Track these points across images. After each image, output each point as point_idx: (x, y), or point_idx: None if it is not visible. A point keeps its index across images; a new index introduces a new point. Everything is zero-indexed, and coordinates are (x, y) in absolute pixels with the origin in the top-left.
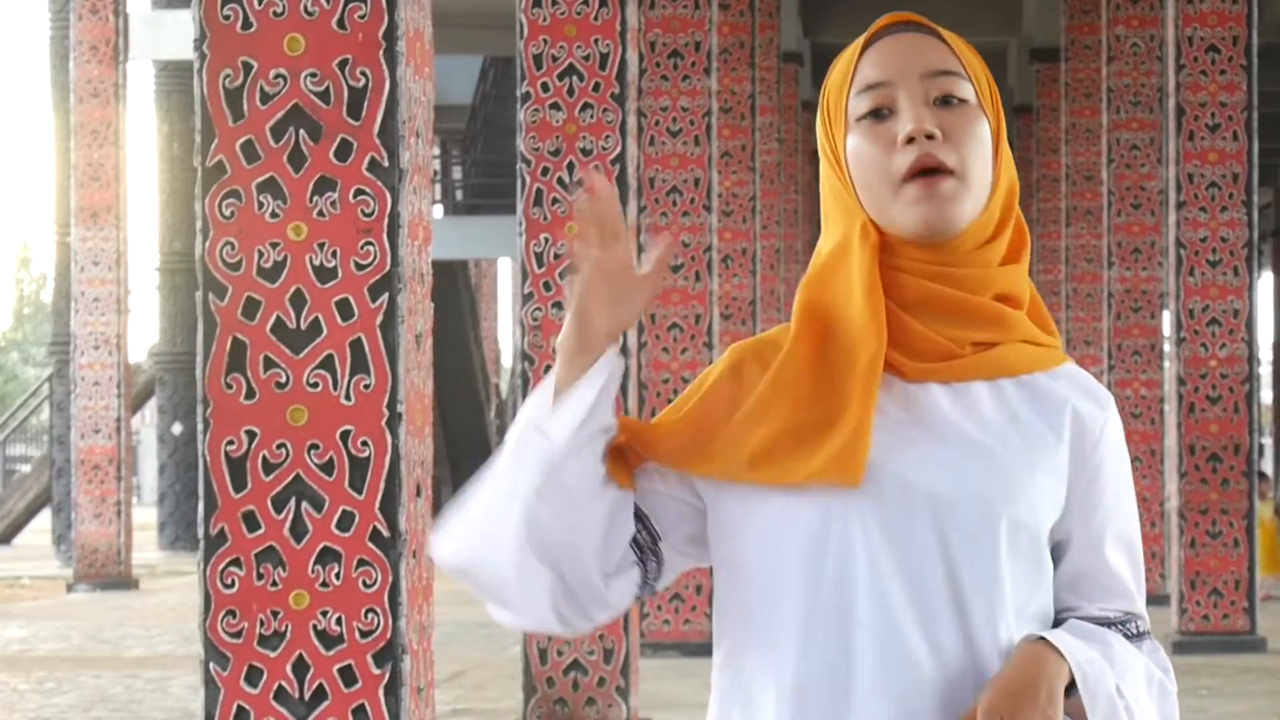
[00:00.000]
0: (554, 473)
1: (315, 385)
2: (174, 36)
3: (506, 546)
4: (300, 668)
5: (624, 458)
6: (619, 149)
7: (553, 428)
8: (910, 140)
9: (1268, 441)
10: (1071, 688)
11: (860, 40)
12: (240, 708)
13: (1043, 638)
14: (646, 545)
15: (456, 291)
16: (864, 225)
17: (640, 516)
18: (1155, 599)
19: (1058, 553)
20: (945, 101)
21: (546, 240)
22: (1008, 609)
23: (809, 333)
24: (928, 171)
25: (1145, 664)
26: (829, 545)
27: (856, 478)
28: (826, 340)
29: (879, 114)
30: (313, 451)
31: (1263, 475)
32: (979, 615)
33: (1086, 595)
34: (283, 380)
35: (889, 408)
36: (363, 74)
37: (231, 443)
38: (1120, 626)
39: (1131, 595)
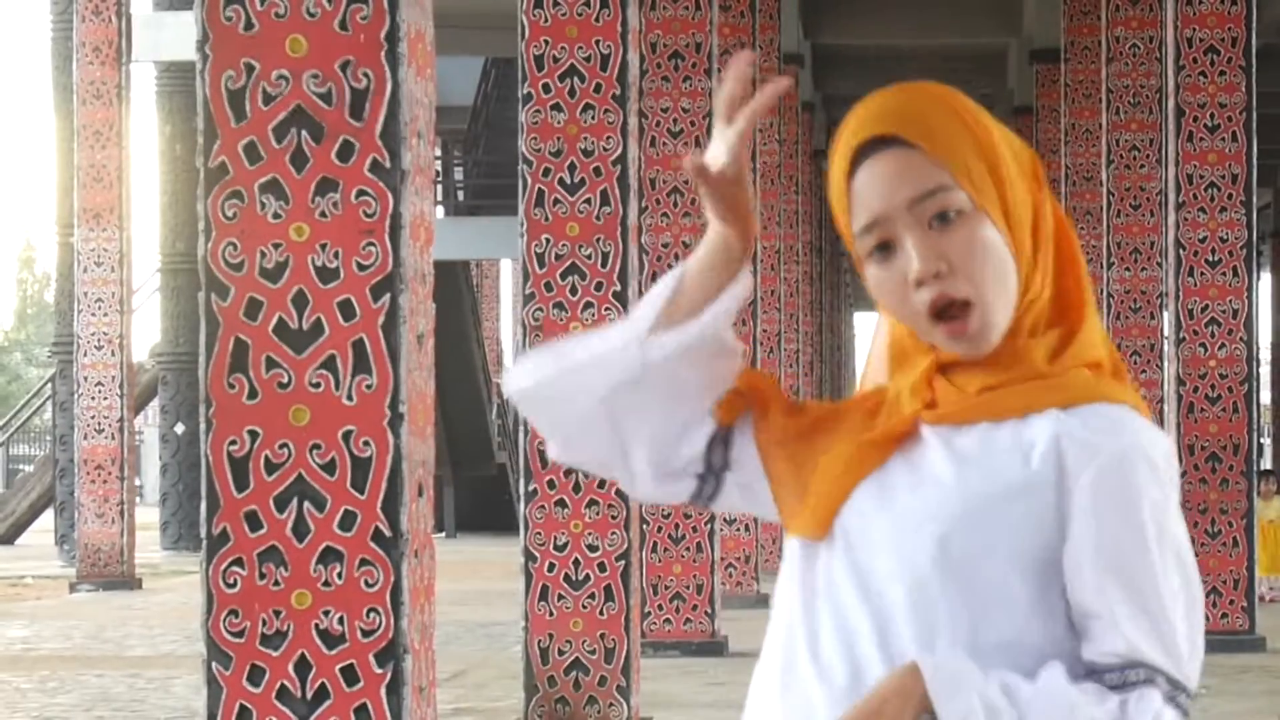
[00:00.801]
0: (645, 374)
1: (317, 385)
2: (176, 38)
3: (580, 402)
4: (302, 667)
5: (740, 396)
6: (620, 150)
7: (653, 352)
8: (920, 282)
9: (1267, 441)
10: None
11: (846, 150)
12: (243, 707)
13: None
14: (717, 467)
15: (458, 292)
16: (911, 335)
17: (725, 440)
18: None
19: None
20: (943, 218)
21: (548, 241)
22: (944, 637)
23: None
24: (949, 309)
25: (1074, 709)
26: (816, 574)
27: (819, 533)
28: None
29: (885, 248)
30: (315, 451)
31: (1270, 473)
32: (907, 641)
33: (1084, 635)
34: (285, 380)
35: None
36: (365, 75)
37: (234, 443)
38: (1116, 674)
39: (1124, 636)
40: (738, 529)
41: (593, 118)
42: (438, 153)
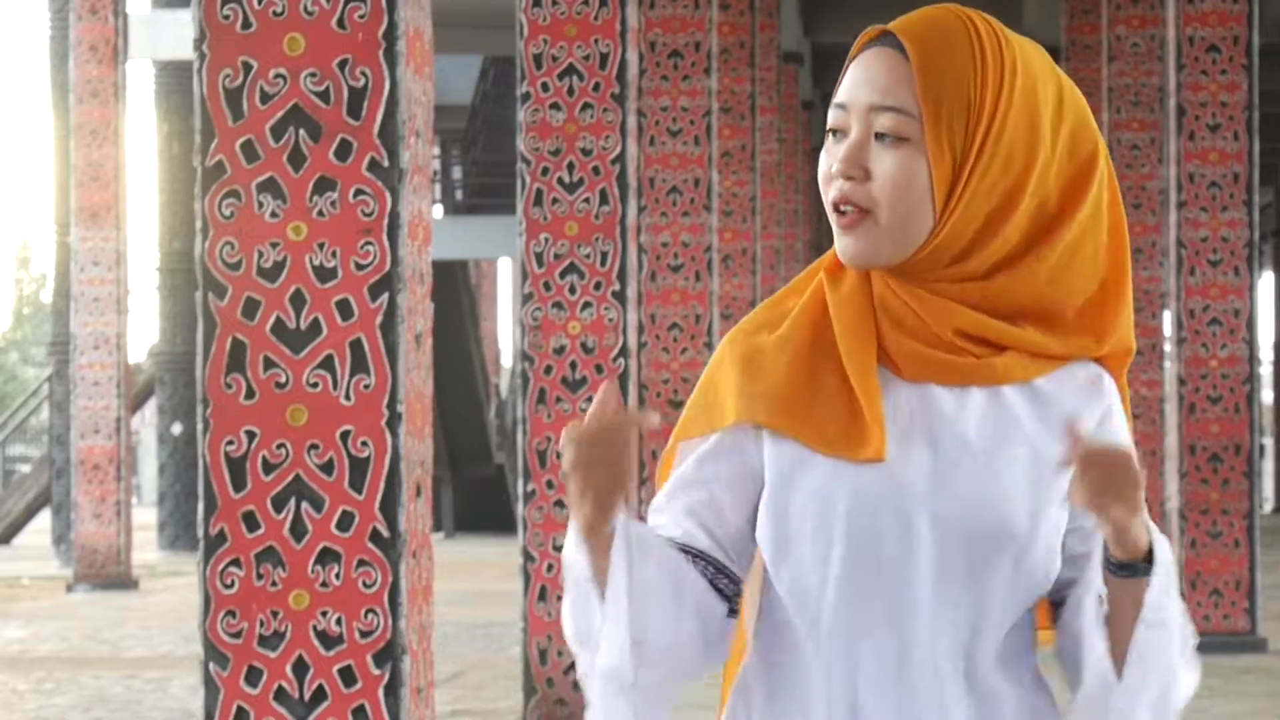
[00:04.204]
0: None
1: (315, 385)
2: (173, 36)
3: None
4: (300, 668)
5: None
6: (619, 149)
7: (625, 674)
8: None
9: (1268, 442)
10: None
11: (862, 37)
12: (240, 708)
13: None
14: (728, 591)
15: (456, 291)
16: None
17: (707, 559)
18: None
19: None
20: (886, 136)
21: (546, 240)
22: (989, 619)
23: (818, 297)
24: (848, 209)
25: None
26: (882, 509)
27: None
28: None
29: (837, 133)
30: (312, 451)
31: None
32: (956, 626)
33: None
34: (282, 380)
35: (896, 407)
36: (362, 74)
37: (231, 443)
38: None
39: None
40: None
41: (591, 116)
42: (436, 152)
